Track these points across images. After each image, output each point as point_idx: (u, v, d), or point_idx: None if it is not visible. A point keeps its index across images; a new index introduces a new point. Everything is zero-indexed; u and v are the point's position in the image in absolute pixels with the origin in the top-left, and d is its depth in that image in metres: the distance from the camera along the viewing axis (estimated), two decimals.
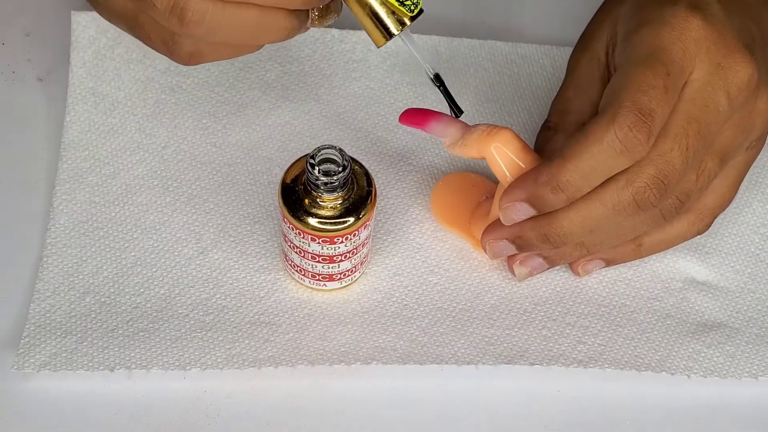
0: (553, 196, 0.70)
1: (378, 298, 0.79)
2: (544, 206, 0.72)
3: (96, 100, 0.87)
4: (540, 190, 0.71)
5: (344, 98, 0.89)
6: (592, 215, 0.71)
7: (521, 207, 0.72)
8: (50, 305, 0.76)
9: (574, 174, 0.69)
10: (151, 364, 0.74)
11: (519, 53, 0.94)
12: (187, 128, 0.87)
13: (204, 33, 0.67)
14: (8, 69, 0.90)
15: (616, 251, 0.78)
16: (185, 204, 0.82)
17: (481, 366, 0.75)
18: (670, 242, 0.78)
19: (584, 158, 0.69)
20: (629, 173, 0.70)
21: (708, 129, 0.70)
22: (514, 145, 0.74)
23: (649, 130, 0.68)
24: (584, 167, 0.69)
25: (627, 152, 0.68)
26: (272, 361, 0.75)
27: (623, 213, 0.71)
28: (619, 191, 0.70)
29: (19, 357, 0.73)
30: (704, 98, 0.70)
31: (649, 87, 0.68)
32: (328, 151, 0.71)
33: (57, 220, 0.80)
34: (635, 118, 0.68)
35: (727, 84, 0.71)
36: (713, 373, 0.77)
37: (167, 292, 0.78)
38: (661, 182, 0.70)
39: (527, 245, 0.75)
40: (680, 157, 0.70)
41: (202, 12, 0.66)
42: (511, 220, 0.73)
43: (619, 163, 0.69)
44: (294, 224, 0.73)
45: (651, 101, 0.68)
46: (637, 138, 0.68)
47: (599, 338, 0.77)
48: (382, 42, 0.71)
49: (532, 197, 0.71)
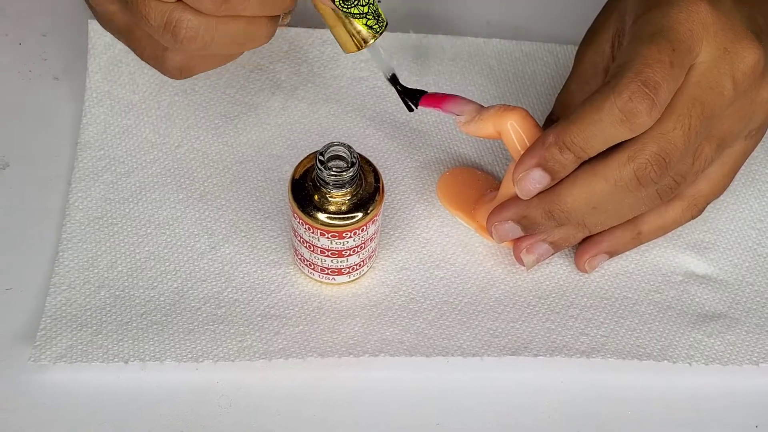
0: (561, 155, 0.70)
1: (385, 292, 0.79)
2: (554, 167, 0.71)
3: (111, 102, 0.87)
4: (548, 151, 0.71)
5: (352, 97, 0.89)
6: (594, 191, 0.71)
7: (535, 174, 0.72)
8: (66, 299, 0.76)
9: (578, 135, 0.70)
10: (164, 356, 0.74)
11: (523, 51, 0.94)
12: (200, 128, 0.86)
13: (197, 48, 0.67)
14: (25, 68, 0.90)
15: (618, 241, 0.78)
16: (198, 200, 0.82)
17: (486, 357, 0.75)
18: (667, 228, 0.78)
19: (587, 122, 0.69)
20: (631, 149, 0.70)
21: (711, 112, 0.70)
22: (528, 122, 0.74)
23: (651, 102, 0.67)
24: (587, 130, 0.69)
25: (626, 121, 0.68)
26: (283, 353, 0.74)
27: (625, 189, 0.71)
28: (621, 167, 0.70)
29: (36, 349, 0.73)
30: (710, 81, 0.70)
31: (654, 61, 0.68)
32: (336, 148, 0.71)
33: (73, 216, 0.80)
34: (636, 89, 0.67)
35: (733, 69, 0.70)
36: (715, 361, 0.76)
37: (180, 285, 0.78)
38: (662, 159, 0.69)
39: (532, 224, 0.75)
40: (682, 137, 0.69)
41: (195, 28, 0.66)
42: (528, 191, 0.73)
43: (619, 132, 0.69)
44: (304, 219, 0.73)
45: (656, 74, 0.68)
46: (638, 108, 0.67)
47: (602, 330, 0.77)
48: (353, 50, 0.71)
49: (543, 160, 0.71)
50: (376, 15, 0.69)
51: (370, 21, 0.69)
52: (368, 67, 0.91)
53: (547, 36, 0.95)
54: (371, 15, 0.69)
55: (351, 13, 0.68)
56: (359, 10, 0.68)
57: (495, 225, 0.76)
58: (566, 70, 0.81)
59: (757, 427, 0.75)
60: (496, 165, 0.86)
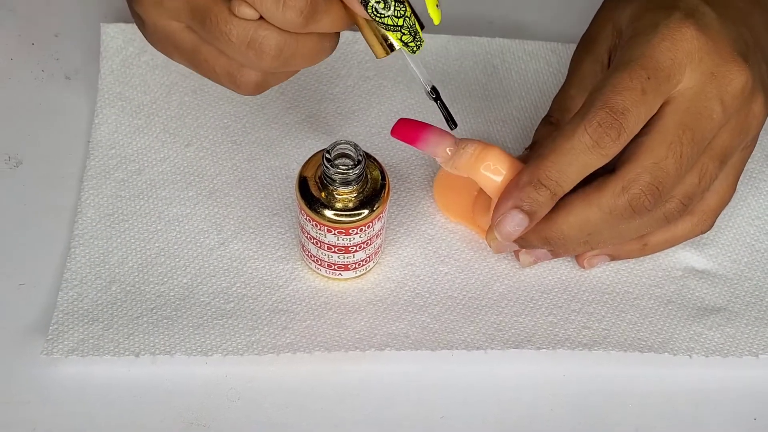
0: (537, 193, 0.70)
1: (391, 287, 0.79)
2: (532, 206, 0.71)
3: (123, 103, 0.87)
4: (524, 191, 0.71)
5: (359, 96, 0.90)
6: (589, 219, 0.71)
7: (513, 216, 0.71)
8: (78, 294, 0.76)
9: (552, 169, 0.69)
10: (174, 350, 0.74)
11: (526, 50, 0.94)
12: (209, 127, 0.87)
13: (279, 65, 0.67)
14: (38, 68, 0.90)
15: (622, 249, 0.78)
16: (207, 198, 0.82)
17: (490, 351, 0.75)
18: (675, 241, 0.78)
19: (559, 154, 0.69)
20: (625, 180, 0.70)
21: (702, 136, 0.70)
22: (503, 161, 0.73)
23: (619, 128, 0.68)
24: (560, 162, 0.69)
25: (597, 147, 0.68)
26: (290, 347, 0.74)
27: (620, 217, 0.71)
28: (615, 197, 0.70)
29: (48, 343, 0.73)
30: (698, 107, 0.70)
31: (624, 88, 0.68)
32: (343, 147, 0.71)
33: (84, 213, 0.80)
34: (605, 116, 0.68)
35: (721, 92, 0.70)
36: (715, 353, 0.76)
37: (190, 281, 0.78)
38: (655, 189, 0.70)
39: (529, 246, 0.75)
40: (674, 165, 0.69)
41: (280, 45, 0.65)
42: (508, 234, 0.72)
43: (591, 159, 0.69)
44: (311, 216, 0.73)
45: (625, 101, 0.68)
46: (607, 134, 0.68)
47: (603, 323, 0.77)
48: (382, 55, 0.70)
49: (518, 201, 0.71)
50: (412, 32, 0.68)
51: (405, 37, 0.68)
52: (374, 67, 0.91)
53: (550, 35, 0.96)
54: (407, 30, 0.67)
55: (384, 24, 0.67)
56: (393, 22, 0.67)
57: (494, 243, 0.76)
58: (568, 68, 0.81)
59: (755, 420, 0.75)
60: None
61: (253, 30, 0.65)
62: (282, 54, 0.66)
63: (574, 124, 0.69)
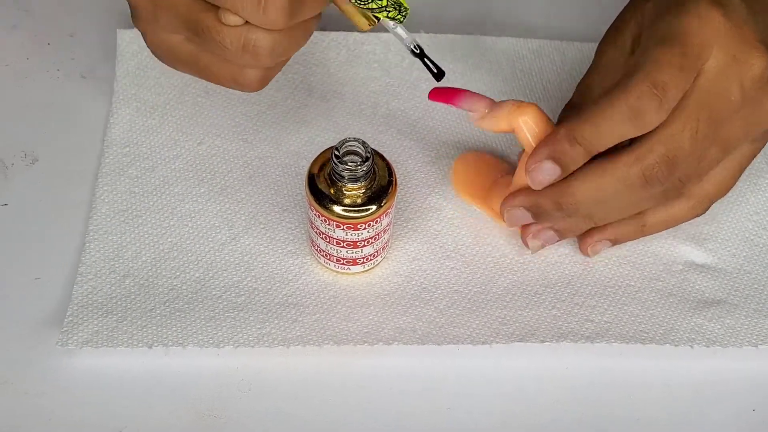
0: (571, 148, 0.71)
1: (398, 282, 0.79)
2: (565, 160, 0.72)
3: (138, 104, 0.87)
4: (559, 144, 0.71)
5: (366, 95, 0.90)
6: (602, 187, 0.72)
7: (546, 165, 0.72)
8: (92, 287, 0.76)
9: (588, 131, 0.70)
10: (186, 342, 0.74)
11: (530, 48, 0.94)
12: (221, 126, 0.87)
13: (274, 59, 0.68)
14: (53, 67, 0.90)
15: (621, 231, 0.78)
16: (218, 194, 0.82)
17: (495, 345, 0.75)
18: (671, 223, 0.78)
19: (599, 119, 0.70)
20: (640, 150, 0.70)
21: (719, 116, 0.71)
22: (541, 118, 0.74)
23: (659, 102, 0.68)
24: (598, 127, 0.70)
25: (635, 119, 0.69)
26: (300, 340, 0.75)
27: (631, 187, 0.71)
28: (629, 166, 0.71)
29: (63, 334, 0.73)
30: (718, 87, 0.70)
31: (664, 63, 0.69)
32: (352, 144, 0.72)
33: (99, 208, 0.80)
34: (646, 89, 0.68)
35: (741, 76, 0.70)
36: (715, 343, 0.76)
37: (202, 275, 0.78)
38: (669, 161, 0.70)
39: (542, 213, 0.75)
40: (690, 140, 0.70)
41: (271, 43, 0.66)
42: (539, 182, 0.73)
43: (628, 129, 0.70)
44: (320, 212, 0.73)
45: (664, 76, 0.68)
46: (646, 107, 0.68)
47: (606, 316, 0.77)
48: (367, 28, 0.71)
49: (554, 153, 0.72)
50: (397, 5, 0.69)
51: (391, 13, 0.69)
52: (381, 67, 0.91)
53: (553, 34, 0.96)
54: (391, 6, 0.68)
55: (370, 8, 0.68)
56: (377, 5, 0.68)
57: (507, 210, 0.77)
58: (572, 66, 0.81)
59: (754, 411, 0.75)
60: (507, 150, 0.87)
61: (245, 34, 0.66)
62: (276, 50, 0.67)
63: (614, 95, 0.70)
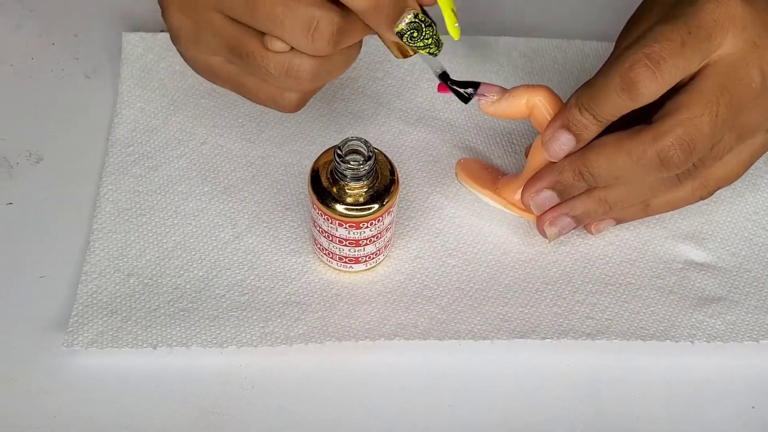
0: (581, 116, 0.72)
1: (400, 279, 0.79)
2: (577, 128, 0.72)
3: (142, 105, 0.87)
4: (570, 112, 0.72)
5: (368, 96, 0.90)
6: (617, 163, 0.72)
7: (561, 135, 0.73)
8: (97, 287, 0.76)
9: (590, 99, 0.71)
10: (190, 342, 0.74)
11: (532, 47, 0.94)
12: (225, 126, 0.87)
13: (316, 84, 0.69)
14: (58, 67, 0.91)
15: (626, 211, 0.78)
16: (222, 193, 0.82)
17: (496, 341, 0.76)
18: (675, 204, 0.78)
19: (596, 88, 0.70)
20: (657, 130, 0.70)
21: (739, 102, 0.70)
22: (555, 97, 0.76)
23: (651, 73, 0.68)
24: (597, 96, 0.70)
25: (628, 89, 0.69)
26: (303, 338, 0.75)
27: (647, 167, 0.71)
28: (645, 145, 0.70)
29: (69, 335, 0.73)
30: (738, 72, 0.70)
31: (664, 38, 0.68)
32: (354, 143, 0.72)
33: (103, 207, 0.81)
34: (637, 59, 0.68)
35: (762, 62, 0.70)
36: (716, 339, 0.76)
37: (205, 274, 0.78)
38: (687, 144, 0.69)
39: (566, 188, 0.75)
40: (709, 123, 0.69)
41: (315, 69, 0.67)
42: (555, 152, 0.74)
43: (622, 101, 0.69)
44: (323, 211, 0.73)
45: (662, 50, 0.68)
46: (638, 77, 0.68)
47: (606, 313, 0.77)
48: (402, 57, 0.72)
49: (566, 121, 0.72)
50: (437, 43, 0.70)
51: (432, 49, 0.70)
52: (383, 69, 0.91)
53: (555, 32, 0.95)
54: (433, 44, 0.70)
55: (417, 46, 0.69)
56: (424, 44, 0.69)
57: (532, 196, 0.76)
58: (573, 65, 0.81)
59: (754, 408, 0.75)
60: (505, 158, 0.87)
61: (288, 60, 0.67)
62: (318, 75, 0.68)
63: (611, 63, 0.70)
